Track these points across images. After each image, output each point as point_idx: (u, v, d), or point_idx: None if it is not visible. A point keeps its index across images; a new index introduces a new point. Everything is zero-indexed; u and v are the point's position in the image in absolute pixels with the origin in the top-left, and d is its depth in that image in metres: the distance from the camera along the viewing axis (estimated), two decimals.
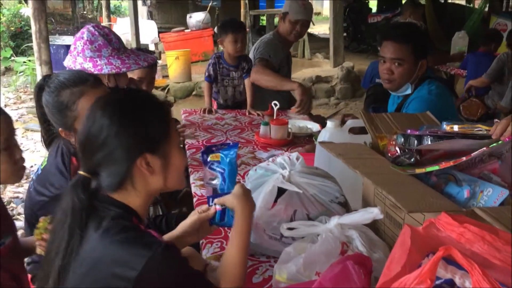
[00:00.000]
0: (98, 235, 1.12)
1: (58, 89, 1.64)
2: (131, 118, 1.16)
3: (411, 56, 2.21)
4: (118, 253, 1.09)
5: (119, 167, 1.17)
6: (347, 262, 1.14)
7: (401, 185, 1.37)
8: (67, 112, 1.63)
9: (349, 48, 9.88)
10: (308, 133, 2.77)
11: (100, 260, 1.10)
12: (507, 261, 0.90)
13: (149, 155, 1.17)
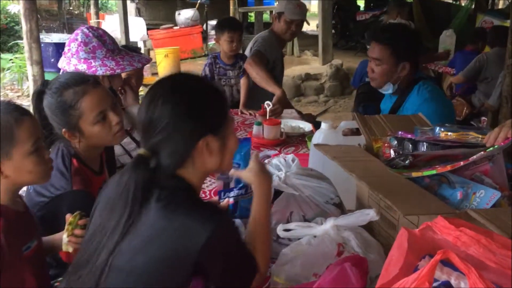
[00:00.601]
0: (160, 206, 1.13)
1: (60, 89, 1.64)
2: (195, 102, 1.18)
3: (390, 57, 2.27)
4: (184, 223, 1.11)
5: (181, 148, 1.19)
6: (345, 264, 1.17)
7: (396, 187, 1.40)
8: (71, 111, 1.63)
9: (337, 46, 9.93)
10: (300, 133, 2.79)
11: (164, 231, 1.11)
12: (502, 264, 0.93)
13: (210, 137, 1.19)
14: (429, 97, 2.21)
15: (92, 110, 1.64)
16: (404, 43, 2.27)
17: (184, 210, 1.14)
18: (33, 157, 1.36)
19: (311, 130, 2.77)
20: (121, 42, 6.72)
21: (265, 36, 3.50)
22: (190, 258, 1.10)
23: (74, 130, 1.66)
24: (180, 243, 1.10)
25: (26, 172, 1.36)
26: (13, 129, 1.31)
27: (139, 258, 1.12)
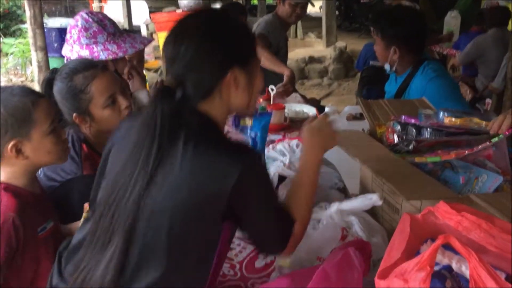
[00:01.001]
0: (188, 147, 1.09)
1: (70, 75, 1.68)
2: (223, 32, 1.16)
3: (381, 41, 2.34)
4: (213, 164, 1.09)
5: (208, 78, 1.15)
6: (349, 248, 1.19)
7: (399, 172, 1.42)
8: (81, 95, 1.67)
9: (341, 27, 9.87)
10: (304, 117, 2.79)
11: (193, 173, 1.08)
12: (503, 248, 0.95)
13: (237, 69, 1.16)
14: (435, 76, 2.23)
15: (102, 93, 1.68)
16: (393, 28, 2.30)
17: (213, 150, 1.11)
18: (51, 137, 1.42)
19: (315, 115, 2.78)
20: (124, 25, 6.70)
21: (269, 19, 3.47)
22: (221, 200, 1.08)
23: (85, 115, 1.69)
24: (211, 184, 1.08)
25: (45, 152, 1.43)
26: (30, 111, 1.38)
27: (168, 203, 1.09)
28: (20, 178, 1.42)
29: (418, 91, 2.18)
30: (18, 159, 1.39)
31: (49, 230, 1.44)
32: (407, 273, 0.94)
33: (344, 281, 1.12)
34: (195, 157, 1.09)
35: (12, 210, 1.33)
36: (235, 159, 1.10)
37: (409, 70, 2.32)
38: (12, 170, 1.42)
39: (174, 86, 1.13)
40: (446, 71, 2.40)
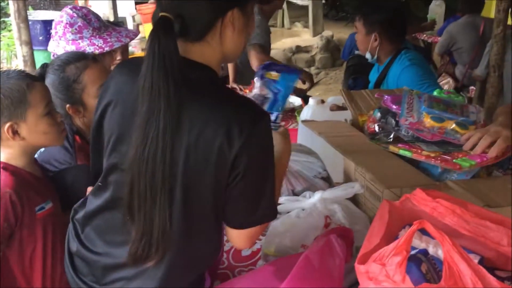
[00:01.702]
0: (200, 98, 1.06)
1: (62, 66, 1.72)
2: None
3: (362, 28, 2.41)
4: (228, 116, 1.06)
5: (209, 14, 1.10)
6: (331, 235, 1.23)
7: (379, 161, 1.46)
8: (75, 85, 1.71)
9: (328, 16, 9.89)
10: (290, 108, 2.83)
11: (206, 126, 1.05)
12: (475, 232, 1.00)
13: (236, 11, 1.11)
14: (409, 64, 2.29)
15: (94, 83, 1.72)
16: (375, 15, 2.36)
17: (226, 102, 1.08)
18: (46, 118, 1.48)
19: (301, 105, 2.81)
20: (109, 17, 6.65)
21: (259, 21, 3.30)
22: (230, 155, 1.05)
23: (78, 105, 1.73)
24: (224, 138, 1.04)
25: (41, 133, 1.48)
26: (26, 93, 1.43)
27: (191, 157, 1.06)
28: (18, 159, 1.48)
29: (394, 80, 2.24)
30: (15, 140, 1.45)
31: (48, 210, 1.50)
32: (385, 257, 0.98)
33: (326, 267, 1.16)
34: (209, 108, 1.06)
35: (9, 187, 1.39)
36: (251, 114, 1.08)
37: (389, 59, 2.37)
38: (11, 151, 1.48)
39: (171, 19, 1.05)
40: (422, 60, 2.44)
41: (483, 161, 1.36)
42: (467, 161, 1.34)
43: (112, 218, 1.18)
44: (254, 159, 1.09)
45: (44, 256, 1.49)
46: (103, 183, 1.22)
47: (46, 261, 1.50)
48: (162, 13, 1.06)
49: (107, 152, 1.19)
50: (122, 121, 1.16)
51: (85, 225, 1.26)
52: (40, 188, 1.51)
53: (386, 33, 2.35)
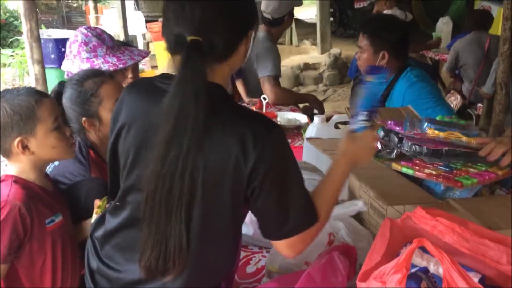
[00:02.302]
0: (216, 116, 1.08)
1: (80, 81, 1.79)
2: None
3: (369, 47, 2.40)
4: (242, 131, 1.08)
5: (236, 36, 1.14)
6: (333, 253, 1.24)
7: (382, 179, 1.47)
8: (92, 98, 1.77)
9: (336, 34, 9.95)
10: (296, 125, 2.86)
11: (222, 142, 1.08)
12: (475, 250, 1.01)
13: (251, 32, 1.16)
14: (415, 81, 2.30)
15: (111, 97, 1.77)
16: (383, 34, 2.36)
17: (241, 117, 1.12)
18: (55, 133, 1.52)
19: (307, 123, 2.84)
20: (120, 36, 6.76)
21: (271, 49, 3.34)
22: (246, 169, 1.07)
23: (94, 118, 1.79)
24: (239, 151, 1.07)
25: (50, 147, 1.52)
26: (34, 109, 1.48)
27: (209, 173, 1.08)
28: (28, 173, 1.52)
29: (399, 96, 2.25)
30: (24, 154, 1.49)
31: (58, 223, 1.53)
32: (385, 275, 1.00)
33: (328, 284, 1.17)
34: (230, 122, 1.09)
35: (18, 199, 1.43)
36: (263, 128, 1.10)
37: (393, 76, 2.39)
38: (21, 165, 1.52)
39: (200, 40, 1.07)
40: (428, 76, 2.46)
41: (484, 179, 1.37)
42: (468, 178, 1.35)
43: (131, 236, 1.21)
44: (271, 171, 1.11)
45: (53, 269, 1.52)
46: (121, 203, 1.25)
47: (56, 274, 1.52)
48: (192, 36, 1.07)
49: (125, 173, 1.22)
50: (137, 142, 1.19)
51: (105, 243, 1.29)
52: (50, 202, 1.54)
53: (394, 51, 2.37)
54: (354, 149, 1.28)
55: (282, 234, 1.16)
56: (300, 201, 1.16)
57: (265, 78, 3.25)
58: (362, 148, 1.28)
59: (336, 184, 1.25)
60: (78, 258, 1.61)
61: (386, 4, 4.77)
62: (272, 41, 3.35)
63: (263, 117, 1.17)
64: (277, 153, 1.12)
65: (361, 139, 1.28)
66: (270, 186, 1.12)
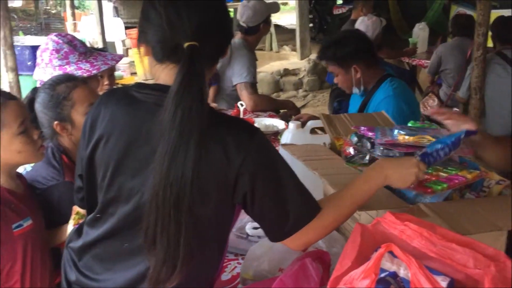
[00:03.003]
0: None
1: (53, 85, 1.80)
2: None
3: (339, 69, 2.43)
4: (223, 137, 1.10)
5: (225, 41, 1.17)
6: (306, 259, 1.25)
7: None
8: (64, 102, 1.77)
9: (315, 39, 10.00)
10: (274, 131, 2.87)
11: (208, 150, 1.08)
12: (442, 254, 1.02)
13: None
14: (392, 94, 2.31)
15: (83, 101, 1.78)
16: (342, 51, 2.38)
17: (225, 125, 1.13)
18: (21, 137, 1.48)
19: (284, 129, 2.84)
20: (98, 42, 6.71)
21: (248, 56, 3.33)
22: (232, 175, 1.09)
23: (66, 122, 1.78)
24: (225, 158, 1.09)
25: (16, 152, 1.49)
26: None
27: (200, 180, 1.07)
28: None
29: (374, 106, 2.27)
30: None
31: (26, 227, 1.49)
32: (354, 280, 1.00)
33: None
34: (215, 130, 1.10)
35: None
36: (245, 133, 1.13)
37: (373, 85, 2.41)
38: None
39: (197, 45, 1.09)
40: (406, 89, 2.47)
41: (454, 183, 1.39)
42: (438, 184, 1.37)
43: (113, 247, 1.21)
44: (259, 174, 1.12)
45: (23, 272, 1.49)
46: (101, 215, 1.23)
47: (24, 277, 1.50)
48: (189, 42, 1.08)
49: (105, 185, 1.21)
50: (118, 154, 1.18)
51: (83, 254, 1.27)
52: (18, 206, 1.50)
53: (362, 60, 2.39)
54: (393, 169, 1.25)
55: (286, 232, 1.18)
56: (297, 194, 1.18)
57: (242, 85, 3.25)
58: (401, 172, 1.25)
59: (358, 195, 1.24)
60: (49, 261, 1.59)
61: (363, 11, 4.82)
62: (248, 49, 3.36)
63: (243, 122, 1.20)
64: (262, 156, 1.14)
65: (403, 162, 1.27)
66: (263, 189, 1.14)
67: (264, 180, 1.13)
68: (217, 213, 1.15)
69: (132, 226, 1.12)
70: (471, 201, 1.42)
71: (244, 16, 3.27)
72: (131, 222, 1.14)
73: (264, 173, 1.14)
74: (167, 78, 1.15)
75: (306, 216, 1.18)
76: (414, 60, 5.55)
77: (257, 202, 1.15)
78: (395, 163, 1.29)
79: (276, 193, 1.15)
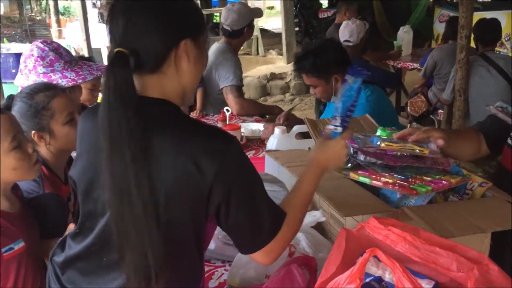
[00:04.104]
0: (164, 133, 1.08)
1: (31, 94, 1.75)
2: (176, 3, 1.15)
3: (319, 80, 2.41)
4: (194, 148, 1.07)
5: (162, 45, 1.12)
6: (292, 265, 1.25)
7: (339, 189, 1.49)
8: (43, 111, 1.73)
9: (302, 43, 10.04)
10: (260, 136, 2.87)
11: (176, 161, 1.06)
12: (426, 258, 1.03)
13: (189, 41, 1.14)
14: (364, 102, 2.32)
15: (63, 110, 1.75)
16: (325, 61, 2.36)
17: (193, 134, 1.10)
18: (14, 153, 1.40)
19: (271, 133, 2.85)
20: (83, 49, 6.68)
21: (231, 59, 3.33)
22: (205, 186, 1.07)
23: (44, 132, 1.74)
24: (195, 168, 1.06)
25: (10, 169, 1.40)
26: None
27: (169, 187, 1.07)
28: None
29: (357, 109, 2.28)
30: None
31: (17, 250, 1.43)
32: (340, 286, 1.01)
33: None
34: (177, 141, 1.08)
35: None
36: (219, 142, 1.10)
37: None
38: None
39: (127, 53, 1.08)
40: (381, 96, 2.46)
41: (438, 186, 1.40)
42: (423, 186, 1.38)
43: (93, 260, 1.20)
44: (235, 185, 1.11)
45: None
46: (81, 229, 1.23)
47: None
48: (117, 48, 1.08)
49: (81, 200, 1.22)
50: (89, 168, 1.18)
51: (66, 268, 1.26)
52: (8, 228, 1.44)
53: (341, 68, 2.38)
54: (325, 156, 1.30)
55: (258, 244, 1.17)
56: (269, 206, 1.17)
57: (228, 88, 3.26)
58: (332, 155, 1.30)
59: (306, 190, 1.27)
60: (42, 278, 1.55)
61: (346, 15, 4.85)
62: (232, 52, 3.37)
63: (218, 131, 1.17)
64: (237, 166, 1.12)
65: (332, 146, 1.31)
66: (238, 201, 1.12)
67: (240, 192, 1.12)
68: (194, 223, 1.13)
69: (108, 240, 1.12)
70: (454, 204, 1.43)
71: (229, 19, 3.29)
72: (107, 236, 1.13)
73: (240, 184, 1.12)
74: None
75: (277, 225, 1.18)
76: (399, 62, 5.60)
77: (233, 214, 1.13)
78: (325, 148, 1.31)
79: (251, 205, 1.14)
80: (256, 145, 2.79)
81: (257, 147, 2.76)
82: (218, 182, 1.08)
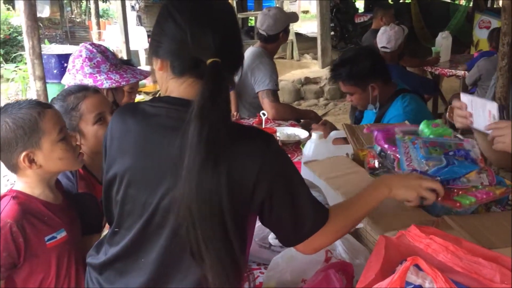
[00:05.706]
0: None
1: (64, 96, 1.84)
2: None
3: (356, 88, 2.41)
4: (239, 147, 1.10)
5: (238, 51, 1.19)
6: (329, 270, 1.25)
7: None
8: (73, 113, 1.81)
9: (337, 48, 10.00)
10: (296, 140, 2.87)
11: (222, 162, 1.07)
12: (468, 269, 1.01)
13: None
14: (402, 113, 2.30)
15: (91, 111, 1.81)
16: (362, 69, 2.35)
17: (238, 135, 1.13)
18: (61, 144, 1.51)
19: (306, 138, 2.85)
20: (122, 50, 6.81)
21: (268, 62, 3.34)
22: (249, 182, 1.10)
23: (75, 131, 1.81)
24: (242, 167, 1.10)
25: (57, 159, 1.51)
26: (38, 121, 1.46)
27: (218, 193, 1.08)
28: (35, 188, 1.51)
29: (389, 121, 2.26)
30: (32, 168, 1.48)
31: (60, 240, 1.51)
32: None
33: None
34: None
35: (11, 217, 1.41)
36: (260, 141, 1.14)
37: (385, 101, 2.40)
38: (28, 180, 1.51)
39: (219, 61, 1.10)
40: (419, 106, 2.42)
41: (482, 198, 1.37)
42: (466, 198, 1.35)
43: (132, 261, 1.22)
44: (277, 181, 1.14)
45: (56, 283, 1.51)
46: (119, 229, 1.25)
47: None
48: (212, 58, 1.10)
49: (119, 200, 1.23)
50: (129, 167, 1.19)
51: (104, 270, 1.29)
52: (52, 218, 1.51)
53: (378, 77, 2.37)
54: (397, 181, 1.30)
55: (301, 237, 1.21)
56: (310, 201, 1.20)
57: (263, 92, 3.28)
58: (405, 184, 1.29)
59: (365, 204, 1.29)
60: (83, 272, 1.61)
61: (383, 20, 4.80)
62: (268, 57, 3.39)
63: (257, 131, 1.21)
64: (279, 163, 1.16)
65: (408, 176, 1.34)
66: (281, 196, 1.16)
67: (283, 188, 1.16)
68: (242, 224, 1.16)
69: (146, 240, 1.15)
70: (496, 215, 1.41)
71: (265, 24, 3.30)
72: (146, 236, 1.16)
73: (282, 181, 1.16)
74: (185, 92, 1.17)
75: (319, 222, 1.21)
76: (437, 69, 5.49)
77: (277, 210, 1.16)
78: (400, 176, 1.34)
79: (293, 200, 1.17)
80: (292, 149, 2.79)
81: (293, 151, 2.76)
82: (261, 181, 1.11)
